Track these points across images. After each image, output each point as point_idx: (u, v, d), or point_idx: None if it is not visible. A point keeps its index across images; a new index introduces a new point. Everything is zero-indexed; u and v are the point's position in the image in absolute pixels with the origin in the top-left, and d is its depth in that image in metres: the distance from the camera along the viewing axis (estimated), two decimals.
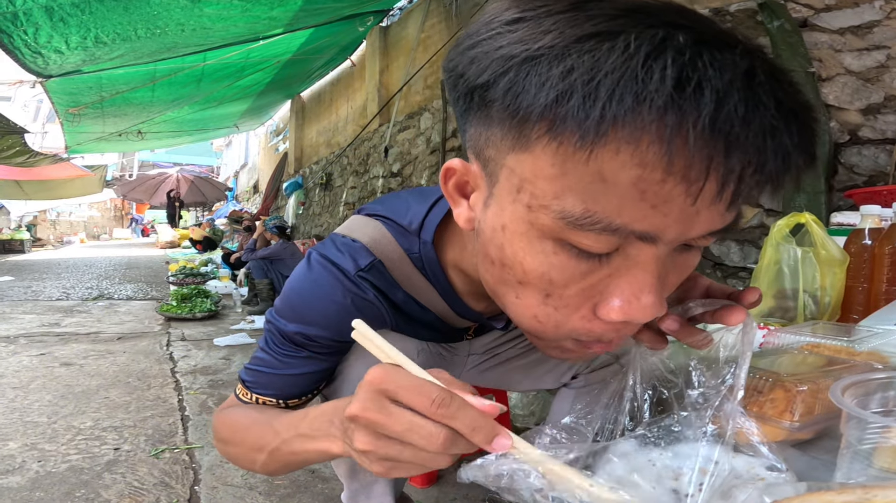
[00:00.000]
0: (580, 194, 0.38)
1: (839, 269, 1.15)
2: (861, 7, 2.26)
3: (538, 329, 0.49)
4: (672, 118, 0.33)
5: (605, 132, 0.34)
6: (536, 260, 0.44)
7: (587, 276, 0.44)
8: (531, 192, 0.41)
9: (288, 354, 0.71)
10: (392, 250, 0.70)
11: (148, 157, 21.66)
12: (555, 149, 0.38)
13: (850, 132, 2.28)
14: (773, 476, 0.50)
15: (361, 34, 5.73)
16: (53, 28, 3.20)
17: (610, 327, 0.46)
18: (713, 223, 0.41)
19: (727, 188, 0.36)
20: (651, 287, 0.42)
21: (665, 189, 0.36)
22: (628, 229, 0.39)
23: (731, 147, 0.34)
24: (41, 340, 3.37)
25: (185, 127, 8.30)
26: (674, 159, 0.35)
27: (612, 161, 0.36)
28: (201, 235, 10.39)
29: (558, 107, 0.35)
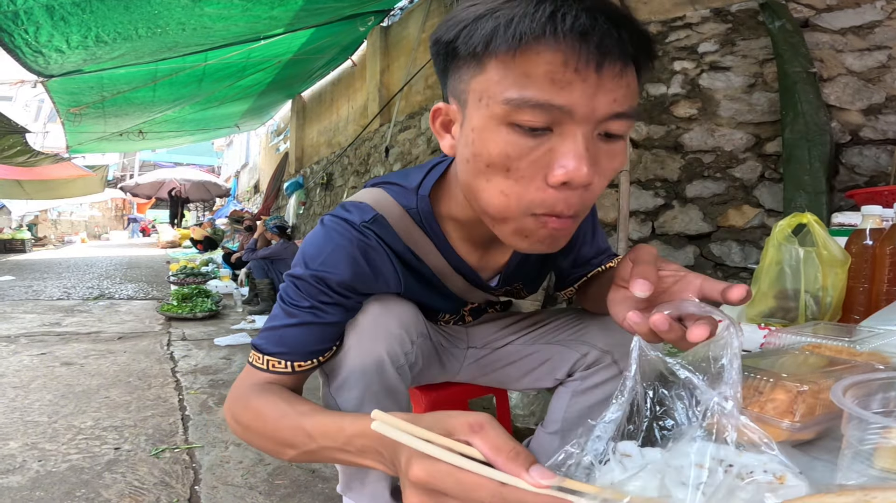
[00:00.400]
0: (516, 87, 0.57)
1: (840, 270, 1.15)
2: (862, 7, 2.26)
3: (505, 204, 0.63)
4: (552, 32, 0.55)
5: (521, 45, 0.56)
6: (496, 142, 0.60)
7: (534, 150, 0.60)
8: (487, 96, 0.60)
9: (297, 305, 0.77)
10: (393, 208, 0.82)
11: (149, 156, 21.68)
12: (496, 63, 0.59)
13: (852, 132, 2.28)
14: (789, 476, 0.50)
15: (362, 34, 5.73)
16: (54, 27, 3.20)
17: (560, 196, 0.61)
18: (612, 104, 0.58)
19: (596, 65, 0.56)
20: (581, 154, 0.58)
21: (565, 75, 0.56)
22: (550, 103, 0.56)
23: (586, 40, 0.55)
24: (42, 340, 3.37)
25: (187, 127, 8.29)
26: (562, 56, 0.56)
27: (529, 62, 0.57)
28: (202, 235, 10.40)
29: (495, 37, 0.57)
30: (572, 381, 1.05)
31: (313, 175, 8.06)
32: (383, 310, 0.84)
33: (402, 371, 0.87)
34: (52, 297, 5.34)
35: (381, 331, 0.83)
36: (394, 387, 0.85)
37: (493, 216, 0.66)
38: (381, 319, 0.83)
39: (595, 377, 1.01)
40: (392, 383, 0.85)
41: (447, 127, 0.70)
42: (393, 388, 0.85)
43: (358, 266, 0.78)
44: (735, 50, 2.59)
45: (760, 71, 2.51)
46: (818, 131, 2.17)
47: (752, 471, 0.51)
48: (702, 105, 2.69)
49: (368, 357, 0.82)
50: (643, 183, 2.88)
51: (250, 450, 1.77)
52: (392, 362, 0.84)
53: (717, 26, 2.65)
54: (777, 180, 2.43)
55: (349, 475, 0.90)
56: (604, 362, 0.99)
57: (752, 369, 0.71)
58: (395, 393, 0.85)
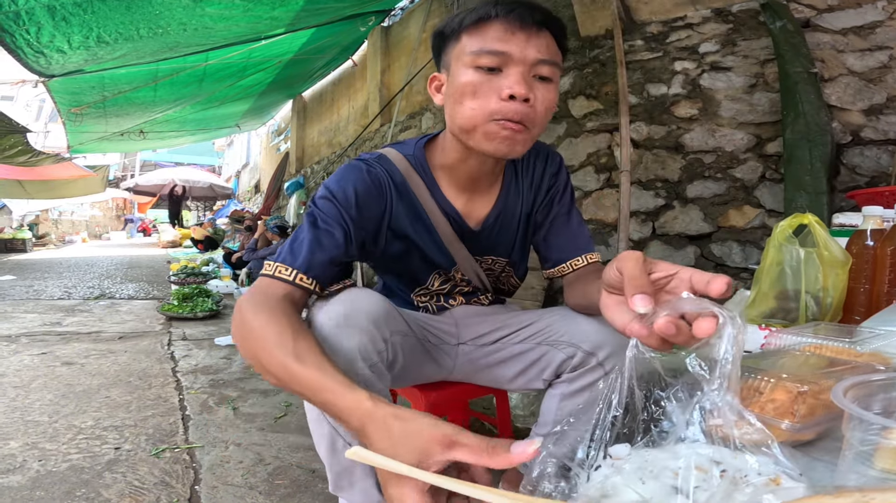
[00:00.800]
0: (477, 44, 0.90)
1: (841, 270, 1.15)
2: (864, 8, 2.25)
3: (473, 114, 0.91)
4: (496, 14, 0.90)
5: (480, 22, 0.91)
6: (467, 79, 0.91)
7: (490, 81, 0.90)
8: (462, 54, 0.92)
9: (310, 222, 0.94)
10: (395, 154, 1.07)
11: (150, 156, 21.68)
12: (466, 35, 0.92)
13: (853, 133, 2.28)
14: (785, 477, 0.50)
15: (363, 34, 5.73)
16: (56, 27, 3.20)
17: (509, 106, 0.88)
18: (536, 53, 0.89)
19: (521, 28, 0.89)
20: (520, 80, 0.88)
21: (504, 35, 0.89)
22: (497, 50, 0.89)
23: (515, 16, 0.89)
24: (43, 339, 3.37)
25: (187, 126, 8.29)
26: (502, 25, 0.90)
27: (485, 30, 0.90)
28: (203, 235, 10.41)
29: (465, 20, 0.93)
30: (560, 383, 1.07)
31: (314, 175, 8.06)
32: (352, 307, 0.88)
33: (377, 369, 0.89)
34: (52, 297, 5.35)
35: (350, 329, 0.86)
36: (370, 384, 0.86)
37: (467, 128, 0.93)
38: (351, 316, 0.86)
39: (581, 380, 1.04)
40: (367, 380, 0.87)
41: (439, 89, 1.01)
42: (368, 385, 0.86)
43: (363, 183, 0.99)
44: (736, 50, 2.59)
45: (761, 71, 2.51)
46: (819, 132, 2.17)
47: (747, 475, 0.51)
48: (703, 105, 2.69)
49: (338, 355, 0.84)
50: (644, 183, 2.88)
51: (250, 450, 1.77)
52: (363, 359, 0.86)
53: (718, 26, 2.65)
54: (778, 181, 2.43)
55: (337, 474, 0.92)
56: (589, 364, 1.02)
57: (753, 369, 0.71)
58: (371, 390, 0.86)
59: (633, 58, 2.91)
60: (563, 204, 1.15)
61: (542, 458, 0.59)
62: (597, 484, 0.55)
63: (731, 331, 0.56)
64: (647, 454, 0.57)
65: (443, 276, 1.15)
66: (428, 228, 1.06)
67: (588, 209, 3.17)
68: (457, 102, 0.93)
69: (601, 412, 0.63)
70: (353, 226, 0.95)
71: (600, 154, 3.13)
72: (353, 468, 0.90)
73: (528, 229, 1.17)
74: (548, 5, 3.21)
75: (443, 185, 1.06)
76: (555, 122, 3.38)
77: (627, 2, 2.91)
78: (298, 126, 8.92)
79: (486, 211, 1.10)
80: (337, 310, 0.87)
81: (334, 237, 0.92)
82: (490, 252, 1.15)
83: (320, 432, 0.90)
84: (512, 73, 0.88)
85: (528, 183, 1.14)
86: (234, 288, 5.85)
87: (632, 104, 2.85)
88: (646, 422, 0.61)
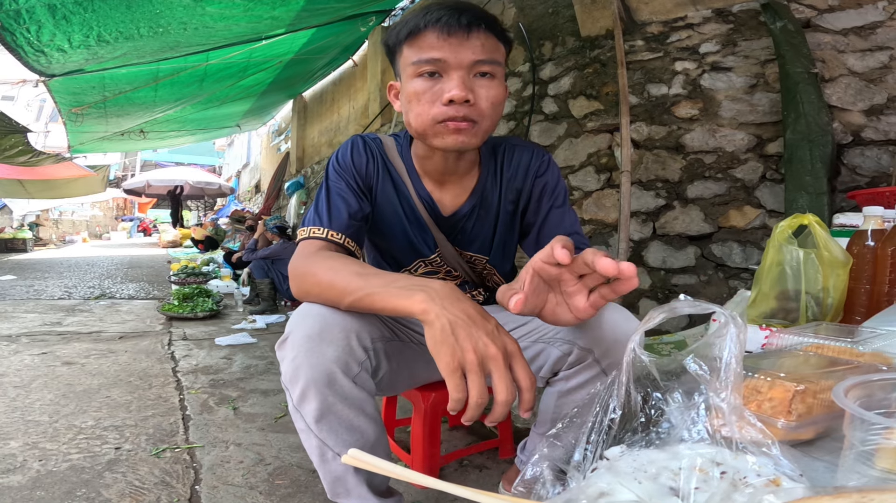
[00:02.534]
0: (416, 54, 0.97)
1: (842, 271, 1.15)
2: (864, 8, 2.25)
3: (420, 120, 1.00)
4: (427, 24, 0.96)
5: (415, 34, 0.98)
6: (413, 87, 0.99)
7: (432, 87, 0.97)
8: (406, 65, 1.00)
9: (326, 189, 1.09)
10: (387, 139, 1.18)
11: (150, 156, 21.69)
12: (406, 46, 0.99)
13: (853, 133, 2.28)
14: (785, 478, 0.50)
15: (363, 34, 5.72)
16: (56, 26, 3.20)
17: (449, 108, 0.96)
18: (471, 54, 0.95)
19: (449, 35, 0.94)
20: (457, 84, 0.95)
21: (438, 42, 0.95)
22: (433, 58, 0.95)
23: (444, 24, 0.94)
24: (43, 339, 3.37)
25: (188, 126, 8.29)
26: (435, 33, 0.95)
27: (420, 41, 0.97)
28: (203, 235, 10.40)
29: (402, 31, 1.00)
30: (558, 381, 1.07)
31: (314, 175, 8.06)
32: (325, 322, 0.88)
33: (360, 379, 0.90)
34: (53, 297, 5.35)
35: (326, 344, 0.86)
36: (352, 396, 0.88)
37: (419, 131, 1.02)
38: (325, 331, 0.87)
39: (578, 377, 1.04)
40: (349, 392, 0.88)
41: (396, 96, 1.09)
42: (351, 396, 0.88)
43: (358, 152, 1.13)
44: (736, 50, 2.59)
45: (762, 71, 2.51)
46: (820, 132, 2.17)
47: (746, 476, 0.51)
48: (703, 105, 2.69)
49: (318, 369, 0.85)
50: (644, 183, 2.88)
51: (251, 450, 1.77)
52: (344, 372, 0.87)
53: (719, 27, 2.65)
54: (778, 181, 2.43)
55: (331, 483, 0.92)
56: (585, 360, 1.02)
57: (753, 369, 0.71)
58: (354, 400, 0.89)
59: (633, 58, 2.91)
60: (554, 203, 1.16)
61: (537, 460, 0.59)
62: (592, 483, 0.54)
63: (733, 331, 0.56)
64: (646, 455, 0.57)
65: (428, 266, 1.20)
66: (406, 208, 1.15)
67: (588, 209, 3.17)
68: (408, 109, 1.02)
69: (598, 415, 0.63)
70: (359, 185, 1.10)
71: (601, 154, 3.13)
72: (345, 476, 0.91)
73: (510, 228, 1.18)
74: (547, 5, 3.20)
75: (420, 173, 1.15)
76: (555, 123, 3.38)
77: (628, 2, 2.91)
78: (299, 126, 8.92)
79: (461, 202, 1.16)
80: (311, 326, 0.87)
81: (347, 197, 1.07)
82: (468, 247, 1.19)
83: (309, 443, 0.91)
84: (452, 78, 0.96)
85: (507, 179, 1.17)
86: (235, 288, 5.85)
87: (632, 104, 2.85)
88: (644, 424, 0.61)
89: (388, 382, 1.04)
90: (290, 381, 0.87)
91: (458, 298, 0.76)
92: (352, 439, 0.89)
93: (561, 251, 0.69)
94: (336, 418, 0.87)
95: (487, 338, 0.71)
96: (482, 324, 0.73)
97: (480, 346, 0.70)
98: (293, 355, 0.86)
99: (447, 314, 0.73)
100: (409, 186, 1.14)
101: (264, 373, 2.69)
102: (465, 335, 0.71)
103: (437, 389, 1.29)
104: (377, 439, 0.93)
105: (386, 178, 1.15)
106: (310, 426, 0.88)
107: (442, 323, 0.72)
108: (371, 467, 0.59)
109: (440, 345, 0.71)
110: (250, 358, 3.02)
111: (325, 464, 0.90)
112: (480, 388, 0.69)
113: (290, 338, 0.88)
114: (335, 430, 0.88)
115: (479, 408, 0.70)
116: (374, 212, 1.16)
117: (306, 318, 0.88)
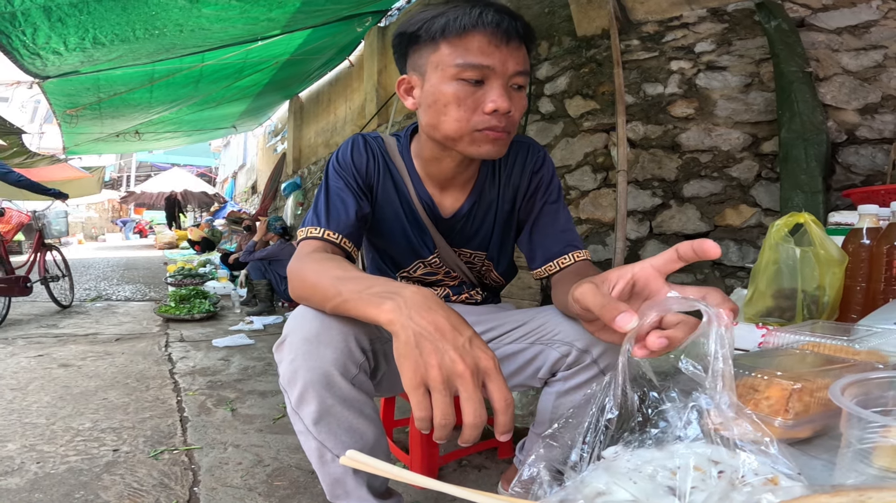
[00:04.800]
0: (460, 55, 0.92)
1: (838, 269, 1.15)
2: (858, 7, 2.26)
3: (458, 126, 0.96)
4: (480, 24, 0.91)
5: (463, 32, 0.91)
6: (450, 91, 0.94)
7: (474, 94, 0.94)
8: (442, 64, 0.94)
9: (325, 189, 1.07)
10: (388, 138, 1.16)
11: (146, 157, 21.62)
12: (447, 44, 0.93)
13: (848, 132, 2.29)
14: (783, 477, 0.50)
15: (360, 34, 5.72)
16: (52, 29, 3.19)
17: (492, 118, 0.94)
18: (516, 65, 0.93)
19: (506, 42, 0.92)
20: (502, 94, 0.92)
21: (489, 48, 0.91)
22: (482, 65, 0.91)
23: (500, 28, 0.91)
24: (39, 341, 3.36)
25: (184, 127, 8.28)
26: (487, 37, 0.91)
27: (468, 42, 0.92)
28: (199, 236, 10.39)
29: (447, 28, 0.92)
30: (556, 382, 1.08)
31: (311, 176, 8.05)
32: (322, 324, 0.87)
33: (359, 380, 0.89)
34: (49, 299, 5.32)
35: (324, 346, 0.85)
36: (350, 397, 0.88)
37: (452, 137, 0.98)
38: (323, 334, 0.86)
39: (576, 378, 1.04)
40: (347, 393, 0.87)
41: (409, 91, 1.03)
42: (349, 398, 0.87)
43: (359, 151, 1.11)
44: (732, 49, 2.60)
45: (757, 70, 2.52)
46: (815, 131, 2.18)
47: (744, 475, 0.51)
48: (699, 105, 2.70)
49: (316, 372, 0.85)
50: (640, 182, 2.89)
51: (249, 451, 1.77)
52: (343, 373, 0.86)
53: (714, 26, 2.65)
54: (774, 180, 2.44)
55: (330, 485, 0.92)
56: (584, 362, 1.02)
57: (750, 368, 0.71)
58: (353, 402, 0.88)
59: (629, 57, 2.92)
60: (547, 199, 1.16)
61: (534, 461, 0.60)
62: (589, 483, 0.55)
63: (719, 329, 0.56)
64: (642, 454, 0.57)
65: (427, 267, 1.20)
66: (406, 209, 1.15)
67: (585, 209, 3.18)
68: (439, 112, 0.97)
69: (594, 416, 0.63)
70: (359, 185, 1.09)
71: (597, 154, 3.14)
72: (344, 478, 0.91)
73: (508, 224, 1.19)
74: (543, 5, 3.21)
75: (420, 173, 1.14)
76: (551, 122, 3.38)
77: (624, 1, 2.91)
78: (295, 127, 8.91)
79: (460, 203, 1.15)
80: (309, 329, 0.86)
81: (346, 197, 1.06)
82: (466, 244, 1.19)
83: (308, 446, 0.91)
84: (494, 87, 0.93)
85: (506, 176, 1.17)
86: (232, 289, 5.83)
87: (628, 104, 2.86)
88: (641, 424, 0.61)
89: (387, 383, 1.04)
90: (289, 383, 0.87)
91: (430, 308, 0.70)
92: (351, 441, 0.89)
93: (710, 246, 0.61)
94: (335, 420, 0.87)
95: (455, 354, 0.65)
96: (452, 336, 0.67)
97: (447, 362, 0.65)
98: (291, 357, 0.86)
99: (413, 325, 0.68)
100: (409, 187, 1.13)
101: (262, 375, 2.69)
102: (431, 349, 0.66)
103: None
104: (376, 440, 0.93)
105: (387, 177, 1.13)
106: (308, 428, 0.88)
107: (407, 335, 0.67)
108: (369, 468, 0.58)
109: (403, 358, 0.67)
110: (248, 359, 3.01)
111: (325, 466, 0.90)
112: (444, 408, 0.64)
113: (288, 341, 0.88)
114: (334, 432, 0.88)
115: (446, 429, 0.65)
116: (374, 212, 1.14)
117: (304, 320, 0.88)
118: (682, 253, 0.64)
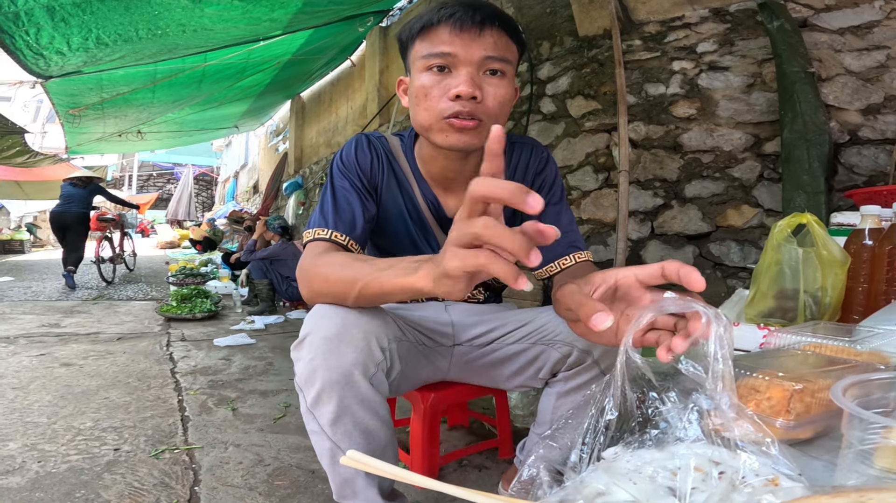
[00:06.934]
0: (426, 48, 0.97)
1: (840, 270, 1.15)
2: (861, 7, 2.26)
3: (427, 115, 0.98)
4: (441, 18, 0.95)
5: (428, 28, 0.97)
6: (421, 81, 0.98)
7: (441, 82, 0.96)
8: (416, 58, 0.99)
9: (330, 190, 1.07)
10: (392, 138, 1.17)
11: (148, 157, 21.64)
12: (419, 40, 0.99)
13: (850, 132, 2.28)
14: (783, 478, 0.50)
15: (361, 34, 5.72)
16: (55, 28, 3.19)
17: (457, 104, 0.94)
18: (482, 51, 0.94)
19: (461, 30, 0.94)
20: (465, 80, 0.93)
21: (450, 37, 0.94)
22: (444, 51, 0.95)
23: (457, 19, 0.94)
24: (41, 341, 3.37)
25: (186, 127, 8.29)
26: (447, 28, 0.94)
27: (433, 35, 0.96)
28: (201, 235, 10.40)
29: (416, 27, 0.99)
30: (557, 382, 1.08)
31: (312, 175, 8.06)
32: (344, 322, 0.87)
33: (376, 380, 0.89)
34: (51, 298, 5.34)
35: (345, 346, 0.85)
36: (368, 398, 0.87)
37: (425, 127, 1.00)
38: (344, 333, 0.86)
39: (578, 378, 1.04)
40: (365, 394, 0.87)
41: (405, 91, 1.09)
42: (367, 399, 0.87)
43: (363, 151, 1.11)
44: (734, 50, 2.59)
45: (759, 71, 2.52)
46: (817, 131, 2.17)
47: (745, 476, 0.51)
48: (701, 105, 2.69)
49: (336, 371, 0.84)
50: (642, 183, 2.88)
51: (250, 450, 1.77)
52: (363, 373, 0.86)
53: (716, 26, 2.65)
54: (776, 180, 2.43)
55: (339, 485, 0.92)
56: (585, 362, 1.02)
57: (751, 368, 0.71)
58: (370, 402, 0.88)
59: (631, 57, 2.91)
60: (550, 200, 1.15)
61: (534, 461, 0.59)
62: (588, 483, 0.54)
63: (718, 330, 0.56)
64: (643, 455, 0.57)
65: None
66: (410, 208, 1.15)
67: (586, 209, 3.18)
68: (416, 104, 1.01)
69: (593, 417, 0.63)
70: (364, 185, 1.09)
71: (599, 154, 3.13)
72: (354, 479, 0.90)
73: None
74: (545, 5, 3.20)
75: (424, 173, 1.14)
76: (553, 122, 3.38)
77: (625, 2, 2.91)
78: (297, 126, 8.91)
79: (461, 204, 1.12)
80: (329, 328, 0.86)
81: (351, 198, 1.06)
82: None
83: (321, 446, 0.90)
84: (460, 73, 0.95)
85: (509, 177, 1.15)
86: (233, 289, 5.84)
87: (630, 104, 2.85)
88: (641, 425, 0.61)
89: (397, 383, 1.04)
90: (306, 383, 0.86)
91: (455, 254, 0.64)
92: (364, 442, 0.88)
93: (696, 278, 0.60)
94: (351, 420, 0.87)
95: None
96: None
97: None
98: (310, 356, 0.85)
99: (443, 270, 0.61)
100: (413, 187, 1.13)
101: (263, 374, 2.69)
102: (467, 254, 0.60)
103: (436, 390, 1.29)
104: (388, 442, 0.93)
105: (391, 177, 1.13)
106: (324, 428, 0.87)
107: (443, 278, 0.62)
108: (369, 468, 0.58)
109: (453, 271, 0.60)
110: (249, 359, 3.01)
111: (336, 467, 0.89)
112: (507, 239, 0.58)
113: (308, 340, 0.87)
114: (349, 433, 0.87)
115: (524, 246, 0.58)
116: (379, 211, 1.14)
117: (323, 320, 0.87)
118: (667, 272, 0.64)
